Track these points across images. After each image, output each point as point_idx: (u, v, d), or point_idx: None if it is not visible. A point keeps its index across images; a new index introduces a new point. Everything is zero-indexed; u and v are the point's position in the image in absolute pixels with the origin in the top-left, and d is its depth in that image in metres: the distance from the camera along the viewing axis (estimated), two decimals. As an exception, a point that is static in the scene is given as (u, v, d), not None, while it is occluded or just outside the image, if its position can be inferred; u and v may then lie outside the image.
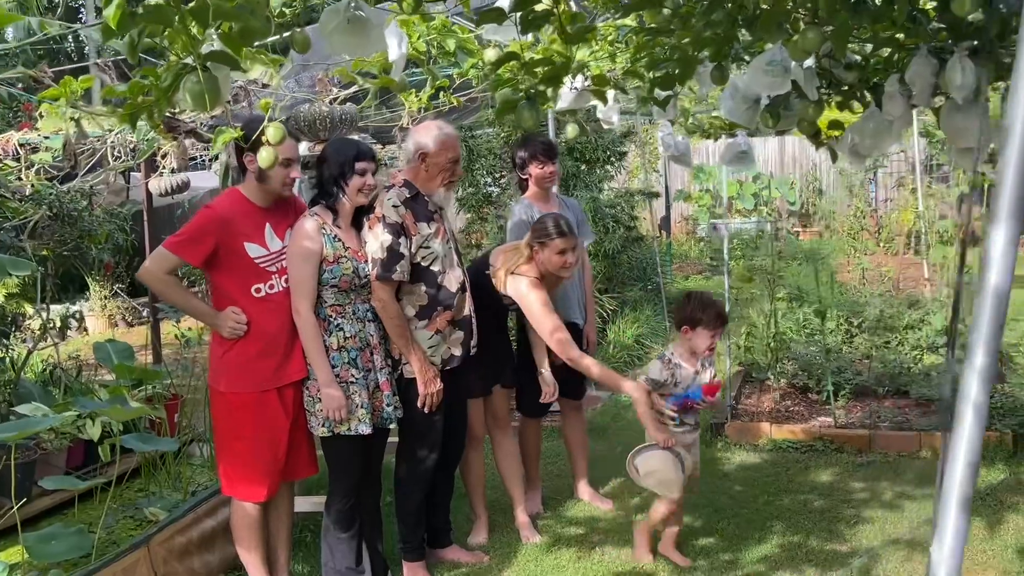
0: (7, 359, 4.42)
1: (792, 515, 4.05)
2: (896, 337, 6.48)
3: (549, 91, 2.61)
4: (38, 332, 4.83)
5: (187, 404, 4.52)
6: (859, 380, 5.65)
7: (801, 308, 6.59)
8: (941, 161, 11.63)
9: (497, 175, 8.24)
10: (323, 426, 3.30)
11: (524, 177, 4.14)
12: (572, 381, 4.25)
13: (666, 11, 2.53)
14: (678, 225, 15.41)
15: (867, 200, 13.91)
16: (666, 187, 13.13)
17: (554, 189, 4.30)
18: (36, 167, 4.77)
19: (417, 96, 4.13)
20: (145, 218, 6.75)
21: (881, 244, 12.80)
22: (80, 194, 4.51)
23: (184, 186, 7.84)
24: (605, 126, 4.67)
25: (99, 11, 2.49)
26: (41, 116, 6.19)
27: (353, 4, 2.09)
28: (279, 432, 3.32)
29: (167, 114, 3.23)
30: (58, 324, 6.42)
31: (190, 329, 5.29)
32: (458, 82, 4.01)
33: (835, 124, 3.11)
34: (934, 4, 2.47)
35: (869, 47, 2.79)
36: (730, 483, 4.50)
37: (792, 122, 3.06)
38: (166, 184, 7.58)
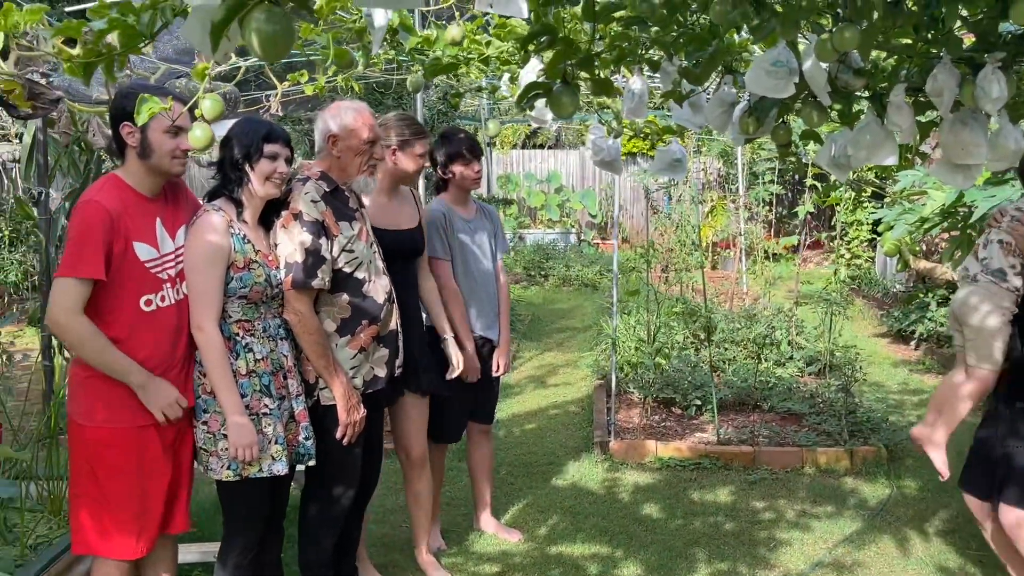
0: None
1: (710, 540, 3.89)
2: (742, 351, 6.63)
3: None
4: None
5: (9, 433, 3.67)
6: (722, 395, 5.67)
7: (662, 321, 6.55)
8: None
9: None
10: (228, 468, 2.71)
11: (445, 177, 3.69)
12: (485, 403, 3.87)
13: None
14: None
15: (664, 214, 14.48)
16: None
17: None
18: None
19: (311, 76, 3.59)
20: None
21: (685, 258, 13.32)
22: None
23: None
24: (535, 124, 4.33)
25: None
26: None
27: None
28: (159, 476, 2.69)
29: (37, 76, 2.53)
30: None
31: (11, 342, 4.35)
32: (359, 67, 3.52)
33: (809, 134, 2.95)
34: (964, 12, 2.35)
35: (876, 53, 2.65)
36: (633, 506, 4.28)
37: (768, 128, 2.89)
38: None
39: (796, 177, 13.21)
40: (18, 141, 6.51)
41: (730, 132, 2.96)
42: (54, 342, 4.47)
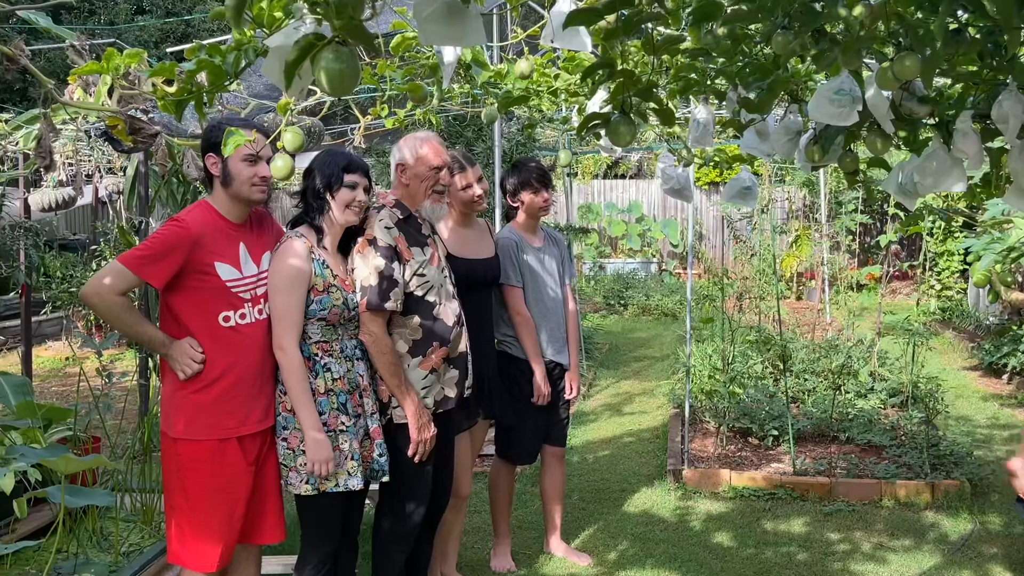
0: None
1: (782, 569, 3.86)
2: (822, 382, 6.52)
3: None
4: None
5: (107, 448, 3.90)
6: (800, 425, 5.60)
7: (737, 350, 6.51)
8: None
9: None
10: (307, 483, 2.84)
11: (515, 205, 3.81)
12: (556, 427, 3.94)
13: (754, 27, 2.32)
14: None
15: (748, 244, 14.33)
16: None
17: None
18: None
19: (391, 111, 3.76)
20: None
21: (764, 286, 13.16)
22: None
23: (70, 201, 7.08)
24: (605, 153, 4.43)
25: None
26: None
27: (452, -13, 1.74)
28: (239, 489, 2.83)
29: (138, 113, 2.75)
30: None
31: (112, 363, 4.62)
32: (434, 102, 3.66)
33: (877, 162, 2.96)
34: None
35: (943, 80, 2.65)
36: (705, 534, 4.27)
37: (835, 156, 2.91)
38: (49, 199, 6.81)
39: (883, 206, 12.94)
40: (122, 174, 6.90)
41: (797, 160, 3.00)
42: (150, 363, 4.73)
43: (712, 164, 14.84)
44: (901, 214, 8.50)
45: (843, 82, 2.51)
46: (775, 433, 5.53)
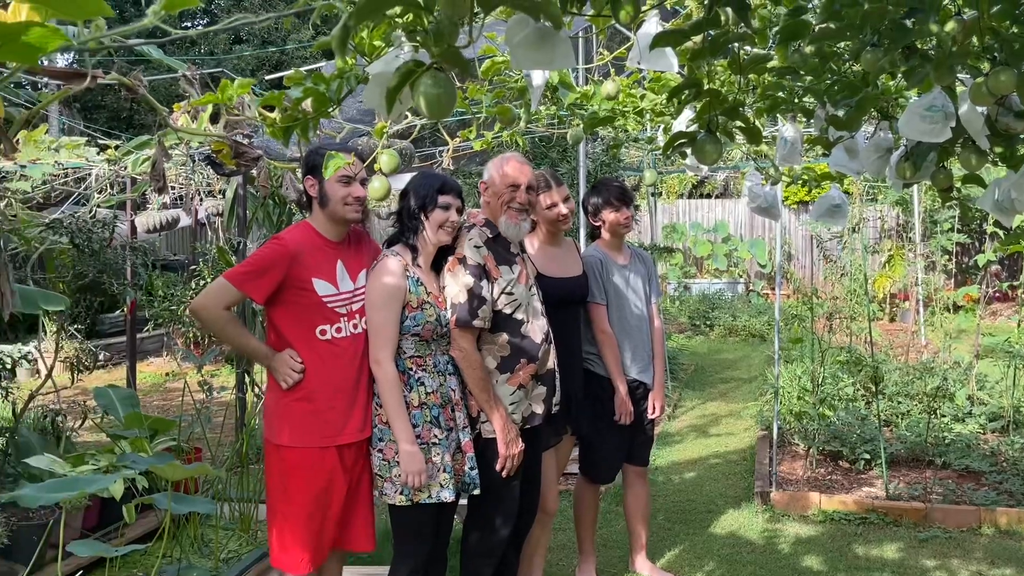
0: (7, 404, 3.95)
1: (874, 595, 3.78)
2: (917, 405, 6.35)
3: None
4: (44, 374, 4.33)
5: (207, 459, 4.07)
6: (893, 449, 5.47)
7: (827, 371, 6.38)
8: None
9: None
10: (400, 493, 2.92)
11: (596, 224, 3.86)
12: (639, 446, 3.95)
13: (842, 44, 2.33)
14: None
15: (838, 264, 14.00)
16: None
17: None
18: (6, 199, 4.35)
19: (479, 132, 3.85)
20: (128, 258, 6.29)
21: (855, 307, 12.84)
22: (102, 224, 4.07)
23: (174, 223, 7.41)
24: (690, 172, 4.45)
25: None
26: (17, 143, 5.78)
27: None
28: (335, 496, 2.94)
29: (242, 139, 2.90)
30: (8, 365, 5.89)
31: (212, 376, 4.82)
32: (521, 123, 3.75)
33: (972, 178, 2.91)
34: None
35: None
36: (793, 557, 4.21)
37: (927, 174, 2.87)
38: (155, 220, 7.14)
39: (981, 225, 12.51)
40: (221, 196, 7.19)
41: (888, 177, 2.97)
42: (246, 378, 4.91)
43: (801, 182, 14.59)
44: (1000, 233, 8.21)
45: (935, 98, 2.49)
46: (867, 457, 5.40)
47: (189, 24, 19.16)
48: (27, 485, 2.83)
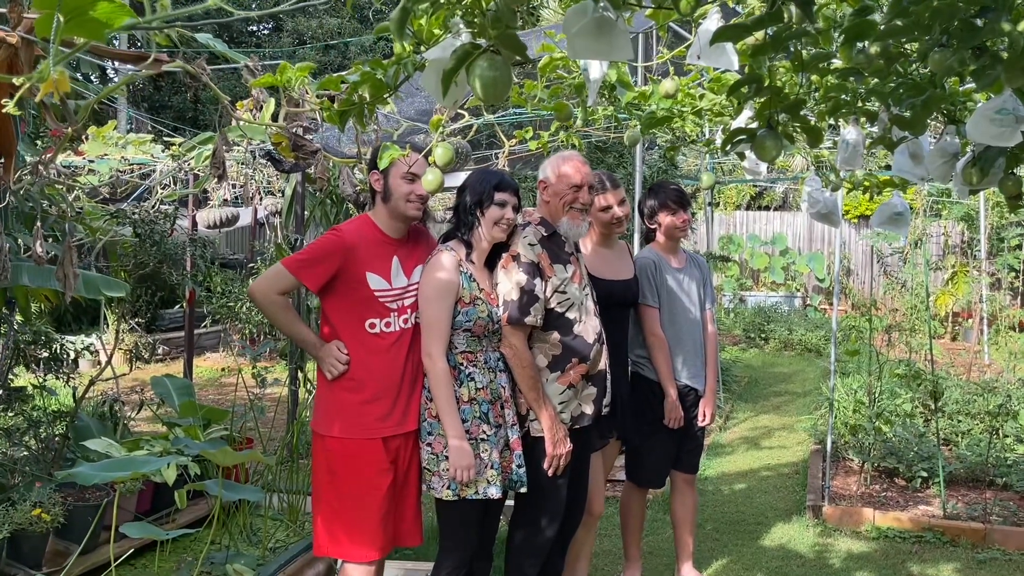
0: (68, 389, 4.04)
1: (929, 615, 3.67)
2: (978, 424, 6.17)
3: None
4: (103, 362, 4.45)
5: (258, 449, 4.13)
6: (952, 468, 5.32)
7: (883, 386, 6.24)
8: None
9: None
10: (448, 488, 2.92)
11: (652, 227, 3.83)
12: (688, 452, 3.89)
13: (909, 45, 2.27)
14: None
15: (898, 278, 13.71)
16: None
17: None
18: (75, 191, 4.47)
19: (535, 133, 3.85)
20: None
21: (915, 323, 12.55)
22: (163, 216, 4.16)
23: (233, 219, 7.55)
24: (749, 176, 4.40)
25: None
26: (86, 139, 5.94)
27: (602, 3, 1.80)
28: (380, 487, 2.95)
29: (297, 132, 2.95)
30: (72, 356, 6.04)
31: (267, 369, 4.90)
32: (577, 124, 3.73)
33: (1041, 185, 2.82)
34: None
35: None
36: (844, 572, 4.12)
37: (995, 180, 2.79)
38: (215, 216, 7.29)
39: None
40: (280, 195, 7.31)
41: (953, 184, 2.90)
42: (299, 374, 4.97)
43: (862, 189, 14.32)
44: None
45: (1005, 101, 2.43)
46: (924, 474, 5.26)
47: (255, 28, 19.55)
48: (84, 463, 2.90)
